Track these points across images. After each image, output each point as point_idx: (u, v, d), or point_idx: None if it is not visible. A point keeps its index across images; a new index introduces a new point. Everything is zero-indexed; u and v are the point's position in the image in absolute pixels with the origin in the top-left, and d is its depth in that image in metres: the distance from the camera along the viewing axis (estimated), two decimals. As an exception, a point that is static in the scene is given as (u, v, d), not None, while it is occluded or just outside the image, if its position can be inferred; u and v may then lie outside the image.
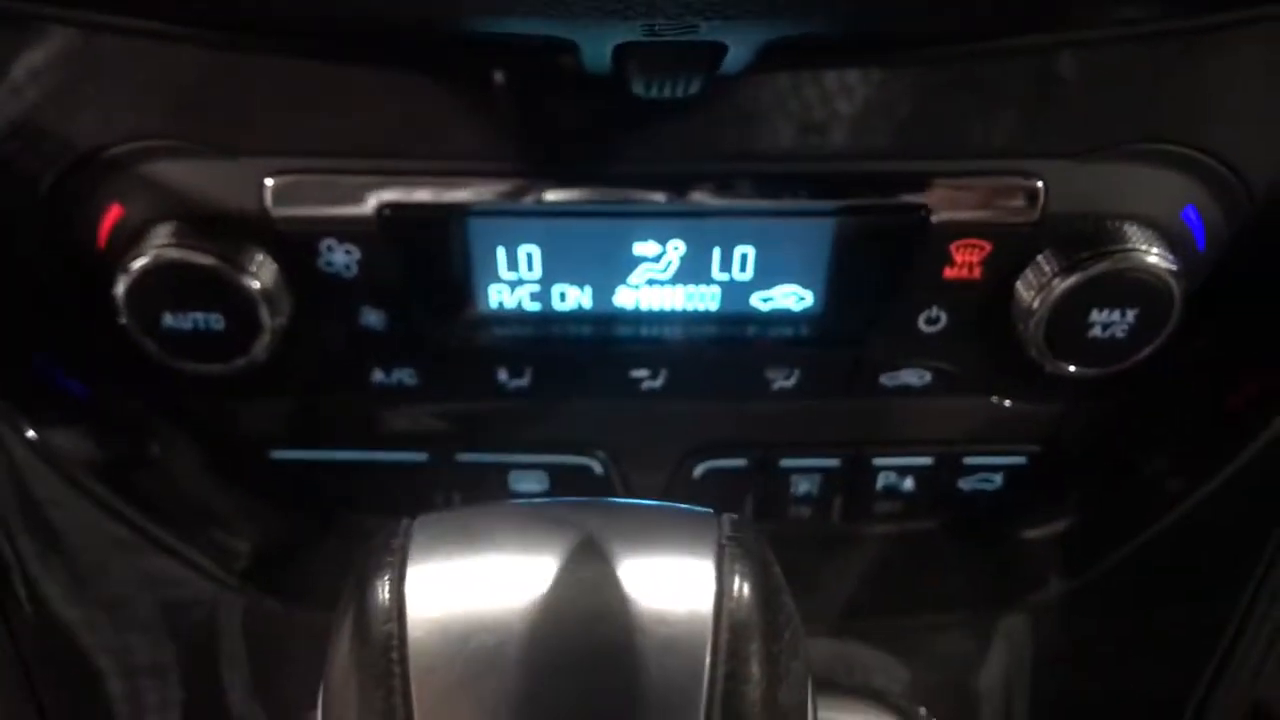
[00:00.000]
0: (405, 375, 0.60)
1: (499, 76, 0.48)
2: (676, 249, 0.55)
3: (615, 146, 0.51)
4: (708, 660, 0.30)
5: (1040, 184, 0.52)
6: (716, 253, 0.54)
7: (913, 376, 0.59)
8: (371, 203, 0.52)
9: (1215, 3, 0.44)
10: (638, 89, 0.39)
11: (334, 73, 0.49)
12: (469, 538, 0.32)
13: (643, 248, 0.55)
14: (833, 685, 0.63)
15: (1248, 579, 0.55)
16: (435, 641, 0.30)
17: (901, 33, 0.42)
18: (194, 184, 0.52)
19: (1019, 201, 0.52)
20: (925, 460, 0.64)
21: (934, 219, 0.52)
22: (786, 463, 0.65)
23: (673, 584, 0.31)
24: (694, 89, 0.39)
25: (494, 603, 0.30)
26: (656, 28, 0.34)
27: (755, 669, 0.30)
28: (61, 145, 0.51)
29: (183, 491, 0.64)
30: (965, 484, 0.66)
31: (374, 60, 0.48)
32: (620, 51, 0.37)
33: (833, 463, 0.64)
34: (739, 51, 0.38)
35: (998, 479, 0.66)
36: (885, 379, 0.60)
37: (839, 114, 0.49)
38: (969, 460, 0.64)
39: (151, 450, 0.64)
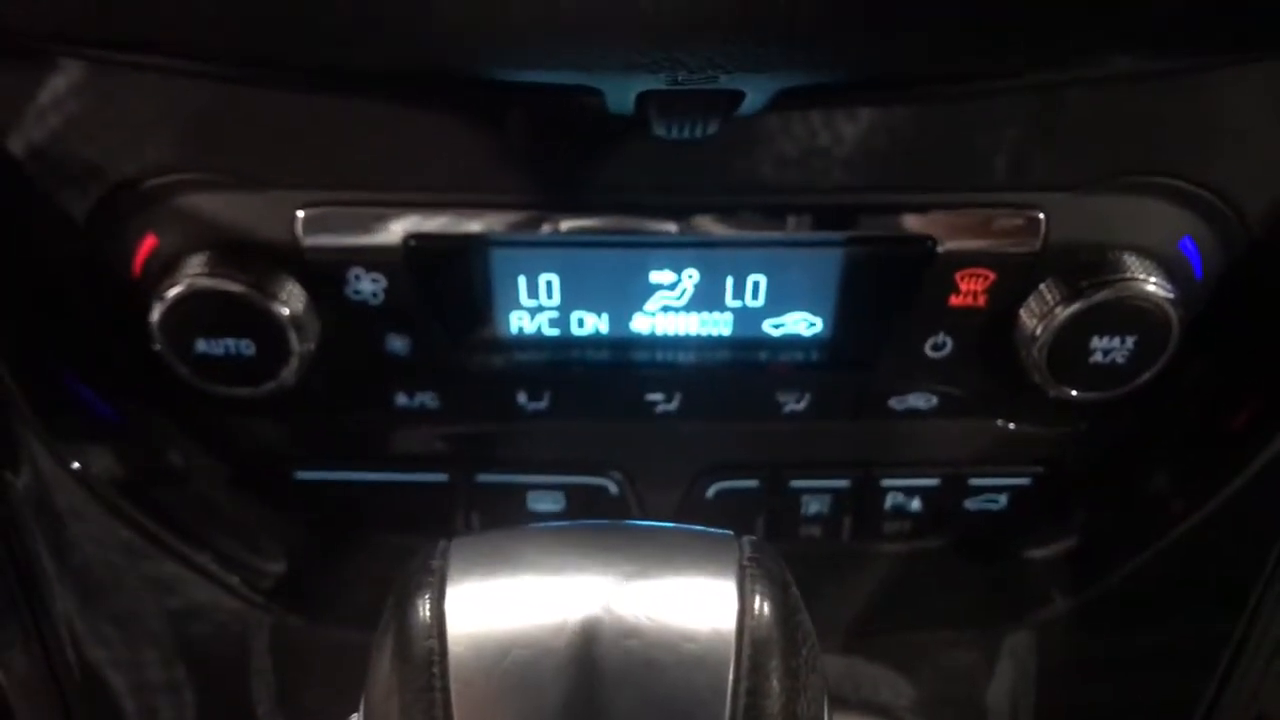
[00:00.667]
0: (427, 398, 0.62)
1: (522, 114, 0.50)
2: (691, 277, 0.56)
3: (632, 179, 0.53)
4: (731, 675, 0.32)
5: (1042, 216, 0.53)
6: (729, 281, 0.56)
7: (920, 400, 0.61)
8: (398, 233, 0.54)
9: (1212, 50, 0.46)
10: (658, 130, 0.41)
11: (363, 109, 0.51)
12: (504, 559, 0.34)
13: (658, 276, 0.57)
14: (841, 700, 0.64)
15: (1248, 596, 0.56)
16: (474, 657, 0.32)
17: (908, 75, 0.44)
18: (226, 215, 0.54)
19: (1021, 232, 0.54)
20: (932, 481, 0.66)
21: (940, 249, 0.54)
22: (797, 483, 0.66)
23: (697, 603, 0.33)
24: (712, 130, 0.41)
25: (529, 620, 0.32)
26: (679, 79, 0.36)
27: (775, 683, 0.32)
28: (98, 177, 0.53)
29: (209, 511, 0.66)
30: (971, 504, 0.67)
31: (402, 98, 0.50)
32: (642, 97, 0.39)
33: (842, 483, 0.66)
34: (756, 97, 0.40)
35: (1003, 499, 0.67)
36: (893, 402, 0.61)
37: (848, 149, 0.51)
38: (974, 481, 0.66)
39: (179, 470, 0.66)
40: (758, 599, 0.33)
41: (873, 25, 0.33)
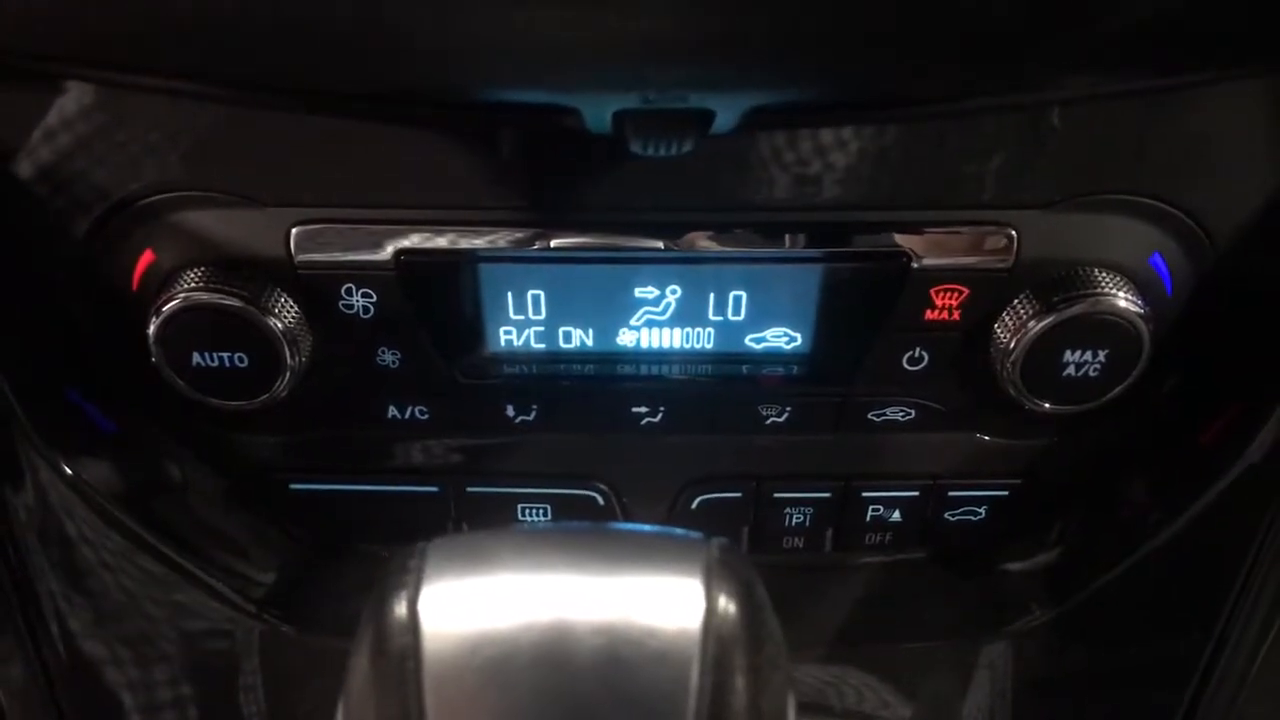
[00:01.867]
0: (418, 411, 0.63)
1: (508, 133, 0.52)
2: (674, 292, 0.58)
3: (615, 197, 0.54)
4: (695, 671, 0.33)
5: (1014, 232, 0.55)
6: (711, 296, 0.58)
7: (898, 413, 0.63)
8: (389, 250, 0.55)
9: (1180, 68, 0.47)
10: (635, 148, 0.42)
11: (355, 129, 0.52)
12: (479, 559, 0.35)
13: (642, 291, 0.58)
14: (823, 710, 0.65)
15: (1223, 607, 0.57)
16: (448, 653, 0.33)
17: (877, 96, 0.45)
18: (222, 232, 0.55)
19: (994, 249, 0.55)
20: (912, 493, 0.67)
21: (915, 265, 0.55)
22: (780, 495, 0.67)
23: (664, 601, 0.34)
24: (687, 148, 0.42)
25: (502, 617, 0.33)
26: (650, 97, 0.37)
27: (739, 679, 0.33)
28: (98, 194, 0.54)
29: (204, 522, 0.67)
30: (951, 515, 0.68)
31: (392, 118, 0.52)
32: (618, 116, 0.41)
33: (824, 495, 0.67)
34: (726, 115, 0.41)
35: (982, 511, 0.68)
36: (872, 415, 0.63)
37: (824, 168, 0.53)
38: (954, 493, 0.67)
39: (175, 482, 0.67)
40: (723, 598, 0.34)
41: (820, 49, 0.35)
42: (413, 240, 0.55)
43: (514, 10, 0.33)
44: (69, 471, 0.60)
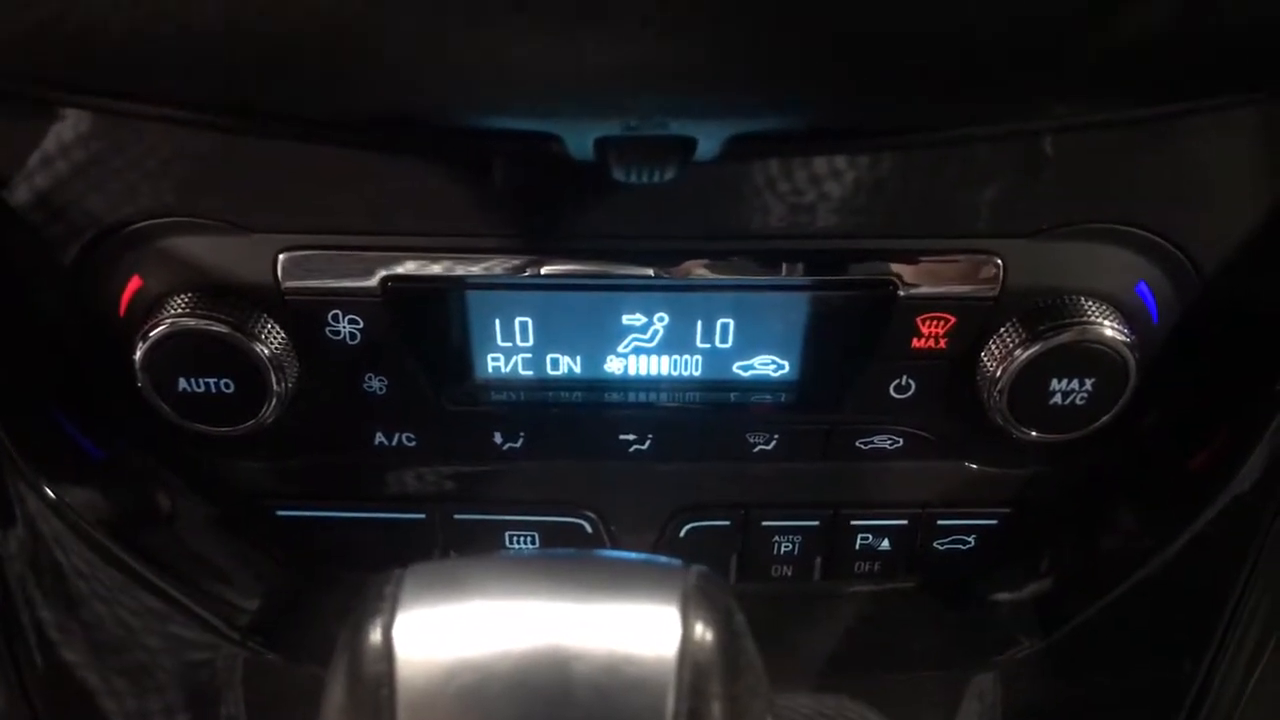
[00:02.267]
0: (405, 437, 0.63)
1: (494, 161, 0.52)
2: (661, 320, 0.58)
3: (602, 225, 0.55)
4: (671, 698, 0.33)
5: (999, 261, 0.55)
6: (699, 324, 0.58)
7: (886, 441, 0.62)
8: (376, 276, 0.56)
9: (1166, 96, 0.47)
10: (618, 175, 0.43)
11: (341, 156, 0.53)
12: (456, 586, 0.35)
13: (630, 318, 0.58)
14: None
15: (1214, 636, 0.57)
16: (422, 680, 0.33)
17: (858, 126, 0.46)
18: (210, 258, 0.56)
19: (980, 277, 0.55)
20: (901, 521, 0.67)
21: (901, 293, 0.56)
22: (768, 523, 0.67)
23: (641, 628, 0.34)
24: (669, 175, 0.43)
25: (477, 644, 0.33)
26: (631, 124, 0.38)
27: (716, 706, 0.33)
28: (86, 220, 0.55)
29: (190, 548, 0.67)
30: (940, 544, 0.68)
31: (378, 145, 0.52)
32: (600, 143, 0.41)
33: (812, 523, 0.67)
34: (708, 143, 0.42)
35: (971, 539, 0.68)
36: (860, 443, 0.63)
37: (808, 196, 0.53)
38: (942, 522, 0.67)
39: (162, 508, 0.67)
40: (700, 625, 0.34)
41: (801, 80, 0.35)
42: (400, 267, 0.56)
43: (494, 40, 0.33)
44: (53, 495, 0.60)
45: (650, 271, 0.56)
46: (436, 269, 0.56)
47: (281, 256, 0.55)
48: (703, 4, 0.32)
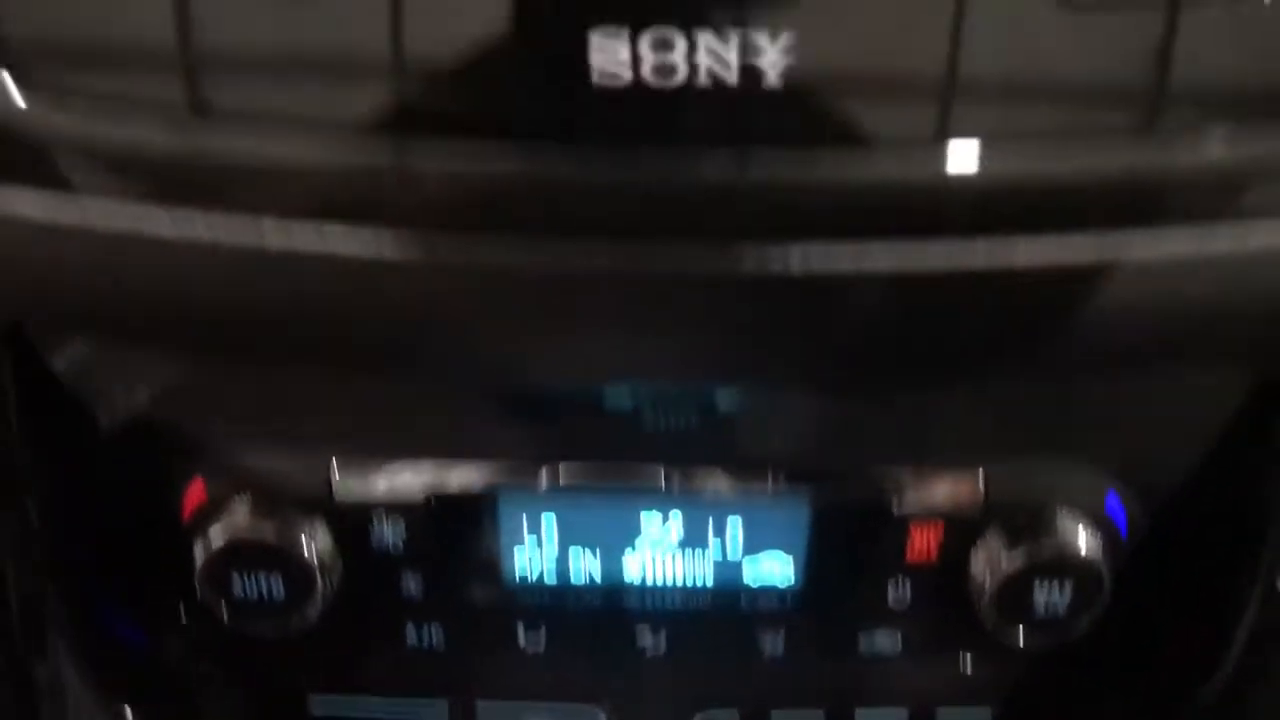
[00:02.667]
0: (435, 633, 0.67)
1: (531, 400, 0.59)
2: (674, 529, 0.64)
3: (626, 449, 0.61)
4: None
5: (981, 479, 0.61)
6: (711, 537, 0.63)
7: (885, 641, 0.67)
8: (421, 487, 0.61)
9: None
10: (650, 427, 0.49)
11: (393, 387, 0.59)
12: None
13: (647, 525, 0.64)
14: None
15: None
16: None
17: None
18: (268, 468, 0.61)
19: (964, 494, 0.61)
20: (901, 715, 0.71)
21: (895, 510, 0.61)
22: (777, 715, 0.71)
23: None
24: (694, 424, 0.49)
25: None
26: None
27: None
28: (155, 435, 0.60)
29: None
30: None
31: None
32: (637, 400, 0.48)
33: (817, 716, 0.71)
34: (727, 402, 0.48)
35: None
36: (861, 644, 0.67)
37: (811, 426, 0.60)
38: (940, 716, 0.71)
39: (198, 700, 0.70)
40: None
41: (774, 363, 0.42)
42: (444, 479, 0.61)
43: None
44: (94, 684, 0.63)
45: (663, 487, 0.61)
46: (477, 484, 0.61)
47: (335, 467, 0.61)
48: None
